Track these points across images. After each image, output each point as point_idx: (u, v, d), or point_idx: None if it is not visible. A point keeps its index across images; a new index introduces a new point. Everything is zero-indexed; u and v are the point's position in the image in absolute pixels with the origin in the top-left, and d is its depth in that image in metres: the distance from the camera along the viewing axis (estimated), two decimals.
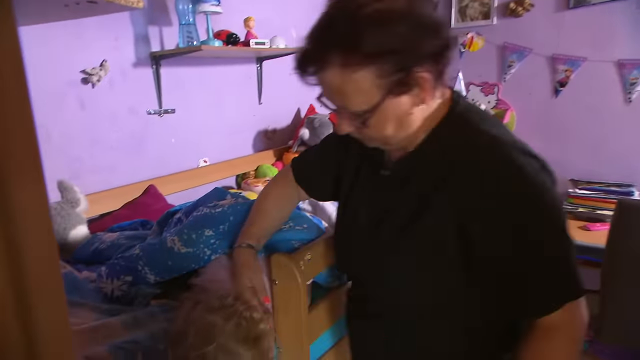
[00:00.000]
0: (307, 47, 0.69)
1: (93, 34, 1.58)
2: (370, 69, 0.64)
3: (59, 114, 1.53)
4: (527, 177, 0.67)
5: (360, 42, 0.63)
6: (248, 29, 1.98)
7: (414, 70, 0.65)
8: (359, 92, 0.67)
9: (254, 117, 2.34)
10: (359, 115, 0.69)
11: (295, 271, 0.93)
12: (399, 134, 0.73)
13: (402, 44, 0.64)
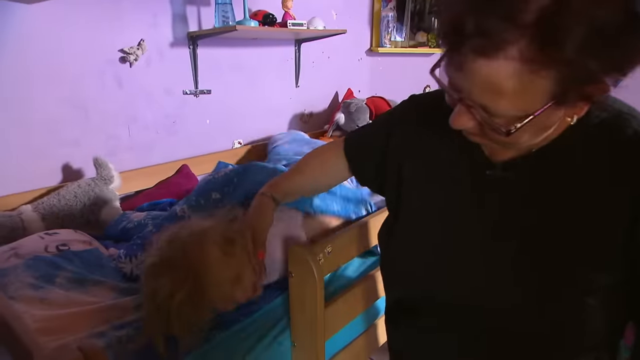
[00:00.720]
0: (476, 11, 0.45)
1: (132, 13, 1.52)
2: (555, 73, 0.44)
3: (98, 92, 1.49)
4: None
5: (563, 38, 0.42)
6: (286, 10, 1.86)
7: (603, 81, 0.47)
8: (522, 96, 0.47)
9: (290, 100, 2.24)
10: (498, 118, 0.50)
11: (312, 264, 0.83)
12: (531, 139, 0.55)
13: (612, 50, 0.44)
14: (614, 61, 0.45)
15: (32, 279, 0.92)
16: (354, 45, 2.54)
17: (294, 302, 0.89)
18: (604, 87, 0.47)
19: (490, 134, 0.53)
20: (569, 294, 0.57)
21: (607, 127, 0.56)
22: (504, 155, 0.61)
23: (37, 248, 1.01)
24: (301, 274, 0.86)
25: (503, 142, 0.54)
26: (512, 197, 0.61)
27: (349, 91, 2.46)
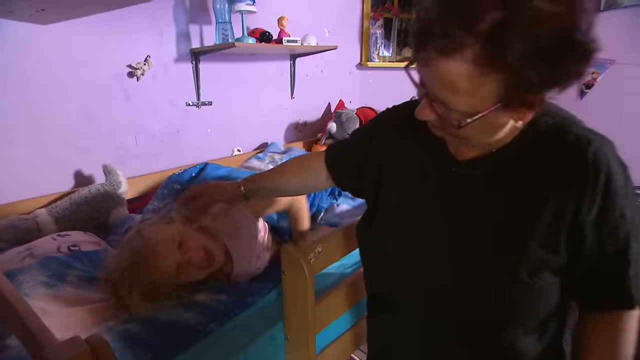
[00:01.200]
0: (441, 18, 0.50)
1: (139, 32, 1.55)
2: (501, 78, 0.50)
3: (107, 104, 1.51)
4: (623, 166, 0.60)
5: (510, 48, 0.47)
6: (281, 28, 1.90)
7: (541, 92, 0.52)
8: (472, 95, 0.52)
9: (286, 111, 2.27)
10: (454, 113, 0.55)
11: (303, 263, 0.86)
12: (480, 139, 0.61)
13: (549, 65, 0.49)
14: (551, 75, 0.50)
15: (45, 277, 0.94)
16: (345, 60, 2.58)
17: (287, 299, 0.91)
18: (542, 98, 0.53)
19: (447, 127, 0.59)
20: (524, 276, 0.61)
21: (553, 132, 0.61)
22: (467, 154, 0.66)
23: (50, 249, 1.03)
24: (293, 272, 0.88)
25: (457, 135, 0.60)
26: (474, 192, 0.65)
27: (341, 102, 2.49)
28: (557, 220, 0.60)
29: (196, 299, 0.95)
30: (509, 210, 0.63)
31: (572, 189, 0.59)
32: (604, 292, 0.64)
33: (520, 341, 0.66)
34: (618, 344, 0.64)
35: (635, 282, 0.62)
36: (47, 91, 1.35)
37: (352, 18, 2.58)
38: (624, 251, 0.61)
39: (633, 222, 0.60)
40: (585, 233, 0.60)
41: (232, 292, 1.00)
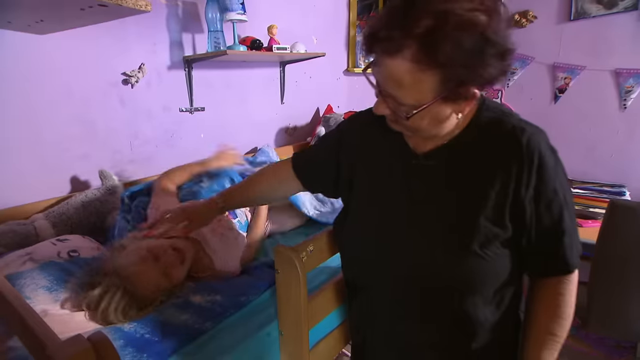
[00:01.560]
0: (385, 25, 0.59)
1: (134, 41, 1.54)
2: (436, 74, 0.58)
3: (103, 111, 1.50)
4: (553, 150, 0.68)
5: (440, 48, 0.55)
6: (271, 36, 1.90)
7: (471, 87, 0.61)
8: (415, 89, 0.60)
9: (276, 116, 2.27)
10: (403, 106, 0.63)
11: (296, 262, 0.87)
12: (430, 130, 0.68)
13: (473, 62, 0.57)
14: (476, 71, 0.58)
15: (47, 281, 0.93)
16: (332, 66, 2.59)
17: (280, 296, 0.92)
18: (475, 91, 0.62)
19: (399, 119, 0.66)
20: (476, 249, 0.68)
21: (493, 123, 0.69)
22: (424, 148, 0.74)
23: (50, 253, 1.02)
24: (286, 271, 0.89)
25: (408, 127, 0.67)
26: (431, 179, 0.73)
27: (329, 107, 2.51)
28: (501, 199, 0.67)
29: (191, 300, 0.95)
30: (460, 193, 0.70)
31: (512, 171, 0.66)
32: (546, 260, 0.72)
33: (479, 309, 0.73)
34: (558, 305, 0.73)
35: (571, 249, 0.70)
36: (44, 99, 1.34)
37: (339, 26, 2.60)
38: (559, 222, 0.68)
39: (565, 197, 0.68)
40: (525, 208, 0.67)
41: (226, 293, 1.01)
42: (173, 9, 1.65)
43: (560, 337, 0.73)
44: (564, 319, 0.73)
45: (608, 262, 1.52)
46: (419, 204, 0.73)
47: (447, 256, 0.70)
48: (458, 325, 0.74)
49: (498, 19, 0.57)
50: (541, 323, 0.75)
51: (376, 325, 0.85)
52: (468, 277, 0.70)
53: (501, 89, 2.61)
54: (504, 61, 0.60)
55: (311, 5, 2.36)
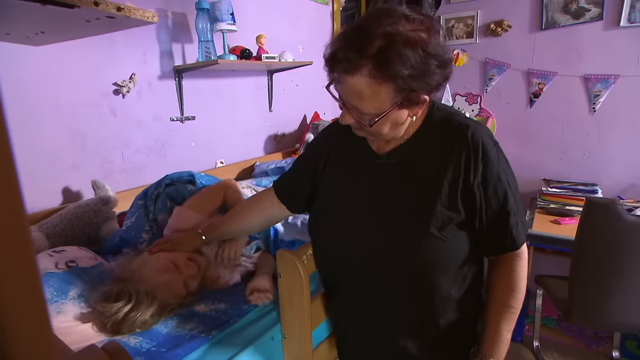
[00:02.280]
0: (343, 48, 0.67)
1: (124, 50, 1.53)
2: (391, 85, 0.66)
3: (94, 121, 1.49)
4: (495, 142, 0.78)
5: (391, 64, 0.64)
6: (260, 45, 1.93)
7: (421, 93, 0.70)
8: (374, 100, 0.68)
9: (265, 123, 2.29)
10: (365, 115, 0.71)
11: (298, 265, 0.89)
12: (390, 134, 0.77)
13: (420, 73, 0.66)
14: (423, 79, 0.67)
15: (47, 293, 0.92)
16: (318, 74, 2.63)
17: (283, 299, 0.93)
18: (425, 96, 0.71)
19: (363, 127, 0.74)
20: (435, 231, 0.76)
21: (443, 122, 0.79)
22: (385, 148, 0.83)
23: (49, 265, 1.00)
24: (289, 274, 0.90)
25: (372, 132, 0.76)
26: (393, 175, 0.81)
27: (316, 114, 2.54)
28: (453, 187, 0.76)
29: (196, 310, 0.95)
30: (419, 185, 0.79)
31: (461, 161, 0.75)
32: (497, 239, 0.80)
33: (444, 287, 0.80)
34: (512, 280, 0.81)
35: (516, 228, 0.78)
36: (35, 109, 1.32)
37: (324, 35, 2.64)
38: (505, 204, 0.76)
39: (508, 181, 0.77)
40: (474, 193, 0.75)
41: (230, 301, 1.01)
42: (163, 20, 1.65)
43: (515, 308, 0.81)
44: (518, 291, 0.81)
45: (586, 256, 1.58)
46: (384, 196, 0.81)
47: (410, 238, 0.78)
48: (426, 304, 0.82)
49: (436, 35, 0.67)
50: (498, 297, 0.82)
51: (354, 316, 0.91)
52: (430, 255, 0.77)
53: (480, 94, 2.71)
54: (445, 69, 0.70)
55: (296, 15, 2.39)
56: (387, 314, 0.86)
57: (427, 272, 0.79)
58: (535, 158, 2.55)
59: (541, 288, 1.96)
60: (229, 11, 1.64)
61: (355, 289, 0.88)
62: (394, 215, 0.80)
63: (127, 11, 0.71)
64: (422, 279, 0.80)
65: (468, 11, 2.63)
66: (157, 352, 0.80)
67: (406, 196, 0.79)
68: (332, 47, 0.69)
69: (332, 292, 0.95)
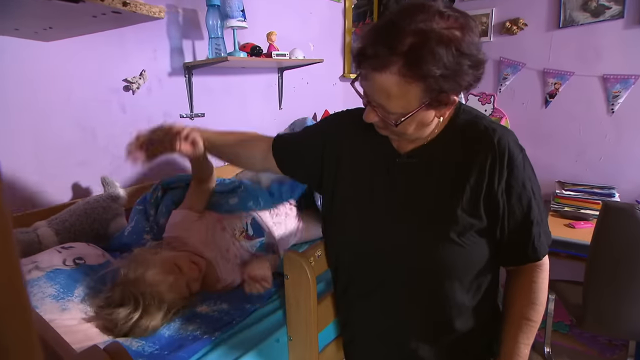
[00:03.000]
0: (373, 43, 0.64)
1: (134, 47, 1.53)
2: (420, 85, 0.64)
3: (104, 117, 1.48)
4: (521, 148, 0.75)
5: (423, 63, 0.61)
6: (270, 42, 1.91)
7: (451, 94, 0.67)
8: (402, 99, 0.66)
9: (274, 121, 2.27)
10: (391, 115, 0.69)
11: (305, 266, 0.87)
12: (415, 134, 0.75)
13: (452, 73, 0.63)
14: (454, 80, 0.64)
15: (54, 290, 0.92)
16: (329, 72, 2.60)
17: (290, 301, 0.92)
18: (454, 97, 0.68)
19: (388, 126, 0.72)
20: (454, 237, 0.73)
21: (468, 125, 0.76)
22: (407, 147, 0.80)
23: (56, 261, 1.00)
24: (296, 276, 0.89)
25: (396, 132, 0.73)
26: (414, 175, 0.79)
27: (326, 112, 2.51)
28: (476, 192, 0.73)
29: (198, 311, 0.94)
30: (439, 187, 0.76)
31: (485, 167, 0.72)
32: (518, 249, 0.77)
33: (457, 294, 0.78)
34: (532, 291, 0.78)
35: (539, 238, 0.76)
36: (46, 105, 1.32)
37: (335, 33, 2.62)
38: (528, 213, 0.74)
39: (532, 189, 0.74)
40: (498, 200, 0.73)
41: (232, 301, 1.00)
42: (173, 16, 1.64)
43: (535, 321, 0.79)
44: (538, 304, 0.78)
45: (602, 262, 1.54)
46: (402, 196, 0.79)
47: (427, 242, 0.76)
48: (438, 309, 0.80)
49: (470, 33, 0.64)
50: (517, 309, 0.80)
51: (364, 318, 0.90)
52: (447, 261, 0.75)
53: (494, 94, 2.65)
54: (477, 70, 0.67)
55: (307, 13, 2.37)
56: (398, 317, 0.84)
57: (442, 277, 0.77)
58: (550, 160, 2.49)
59: (553, 293, 1.92)
60: (240, 8, 1.63)
61: (366, 289, 0.87)
62: (411, 217, 0.78)
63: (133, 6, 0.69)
64: (436, 283, 0.78)
65: (482, 9, 2.57)
66: (160, 354, 0.79)
67: (425, 198, 0.77)
68: (362, 42, 0.66)
69: (343, 292, 0.93)
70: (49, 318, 0.85)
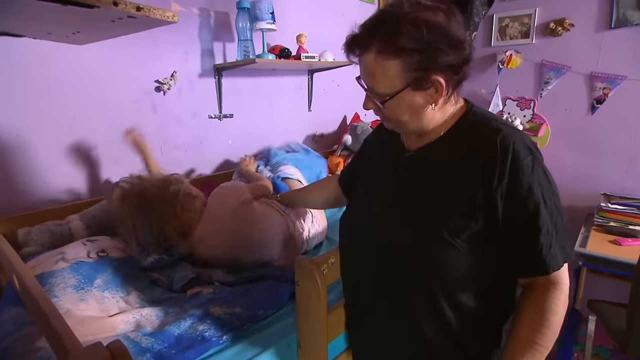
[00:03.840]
0: (358, 33, 0.72)
1: (167, 48, 1.58)
2: (398, 61, 0.67)
3: (136, 117, 1.54)
4: (531, 150, 0.70)
5: (397, 38, 0.66)
6: (300, 44, 1.91)
7: (432, 73, 0.68)
8: (385, 77, 0.69)
9: (303, 123, 2.27)
10: (380, 96, 0.72)
11: (316, 274, 0.85)
12: (412, 123, 0.76)
13: (426, 48, 0.66)
14: (435, 58, 0.67)
15: (75, 280, 0.96)
16: None
17: (300, 308, 0.90)
18: (441, 81, 0.69)
19: (383, 112, 0.75)
20: (446, 236, 0.71)
21: (477, 126, 0.75)
22: (415, 145, 0.81)
23: (81, 253, 1.04)
24: (307, 283, 0.87)
25: (390, 118, 0.76)
26: (416, 173, 0.80)
27: (356, 115, 2.48)
28: (474, 193, 0.70)
29: (210, 312, 0.94)
30: (437, 186, 0.76)
31: (485, 167, 0.70)
32: (521, 257, 0.72)
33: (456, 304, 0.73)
34: (542, 311, 0.70)
35: (548, 249, 0.69)
36: (82, 105, 1.38)
37: None
38: (534, 220, 0.68)
39: (543, 197, 0.69)
40: (497, 203, 0.69)
41: (245, 304, 0.99)
42: (205, 19, 1.68)
43: (542, 346, 0.70)
44: (547, 327, 0.70)
45: None
46: (403, 191, 0.80)
47: (421, 240, 0.74)
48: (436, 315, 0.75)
49: (445, 16, 0.68)
50: (522, 329, 0.72)
51: (367, 321, 0.88)
52: (439, 262, 0.72)
53: (534, 99, 2.51)
54: (459, 50, 0.68)
55: (339, 15, 2.35)
56: (399, 325, 0.81)
57: (438, 280, 0.73)
58: (594, 170, 2.32)
59: (594, 314, 1.78)
60: (269, 10, 1.64)
61: (368, 289, 0.85)
62: (409, 214, 0.78)
63: (146, 11, 0.70)
64: (432, 287, 0.74)
65: (525, 9, 2.44)
66: (168, 353, 0.80)
67: (424, 195, 0.77)
68: (349, 34, 0.74)
69: (350, 293, 0.93)
70: (67, 307, 0.89)
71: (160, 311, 0.94)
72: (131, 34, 1.11)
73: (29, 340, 0.79)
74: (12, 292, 0.94)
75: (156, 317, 0.92)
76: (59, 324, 0.67)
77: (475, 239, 0.71)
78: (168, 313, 0.94)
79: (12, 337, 0.80)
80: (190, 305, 0.96)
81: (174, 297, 1.06)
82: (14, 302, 0.92)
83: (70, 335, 0.65)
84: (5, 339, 0.81)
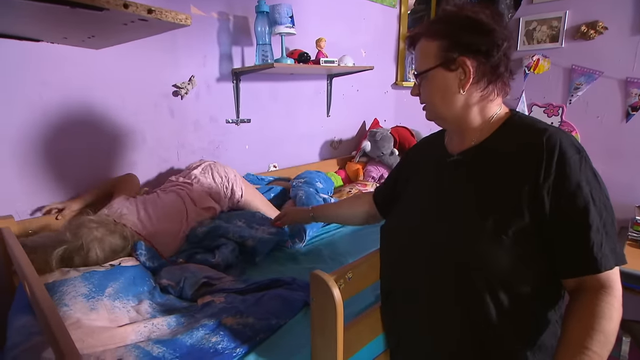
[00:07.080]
0: (418, 28, 0.83)
1: (185, 53, 1.57)
2: (436, 43, 0.77)
3: (153, 121, 1.53)
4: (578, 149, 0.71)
5: (435, 25, 0.79)
6: (319, 49, 1.87)
7: (459, 54, 0.75)
8: (425, 56, 0.80)
9: (321, 128, 2.23)
10: (418, 75, 0.81)
11: (333, 290, 0.79)
12: (444, 107, 0.80)
13: (453, 33, 0.76)
14: (467, 42, 0.75)
15: (86, 289, 0.93)
16: (380, 79, 2.52)
17: (314, 326, 0.85)
18: (468, 65, 0.75)
19: (422, 96, 0.83)
20: (493, 234, 0.71)
21: (521, 129, 0.77)
22: (458, 149, 0.84)
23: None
24: (322, 299, 0.82)
25: (427, 101, 0.83)
26: (459, 175, 0.81)
27: (375, 121, 2.43)
28: (520, 189, 0.71)
29: (223, 322, 0.91)
30: (482, 185, 0.76)
31: (532, 164, 0.70)
32: (570, 254, 0.69)
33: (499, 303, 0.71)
34: (593, 315, 0.65)
35: (600, 247, 0.66)
36: (101, 109, 1.38)
37: (389, 39, 2.53)
38: (584, 216, 0.67)
39: (591, 195, 0.68)
40: (544, 199, 0.69)
41: (258, 314, 0.95)
42: (224, 23, 1.66)
43: (595, 352, 0.63)
44: (600, 331, 0.64)
45: None
46: (447, 193, 0.82)
47: (469, 238, 0.74)
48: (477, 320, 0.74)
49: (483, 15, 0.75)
50: (572, 334, 0.67)
51: (406, 322, 0.87)
52: (484, 259, 0.71)
53: (562, 105, 2.40)
54: (481, 35, 0.74)
55: (361, 19, 2.31)
56: (440, 320, 0.80)
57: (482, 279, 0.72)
58: (629, 181, 2.19)
59: (628, 335, 1.66)
60: (289, 14, 1.61)
61: (408, 289, 0.85)
62: (452, 214, 0.79)
63: (158, 13, 0.68)
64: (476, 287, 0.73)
65: (554, 12, 2.35)
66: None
67: (469, 195, 0.78)
68: (410, 32, 0.85)
69: (386, 296, 0.92)
70: (77, 317, 0.86)
71: (173, 320, 0.91)
72: (146, 37, 1.09)
73: (35, 352, 0.77)
74: (23, 299, 0.92)
75: (168, 326, 0.89)
76: (61, 334, 0.64)
77: (522, 236, 0.70)
78: (180, 323, 0.91)
79: (19, 347, 0.78)
80: (202, 315, 0.93)
81: (186, 307, 1.04)
82: (25, 310, 0.90)
83: (68, 344, 0.62)
84: (13, 350, 0.79)
